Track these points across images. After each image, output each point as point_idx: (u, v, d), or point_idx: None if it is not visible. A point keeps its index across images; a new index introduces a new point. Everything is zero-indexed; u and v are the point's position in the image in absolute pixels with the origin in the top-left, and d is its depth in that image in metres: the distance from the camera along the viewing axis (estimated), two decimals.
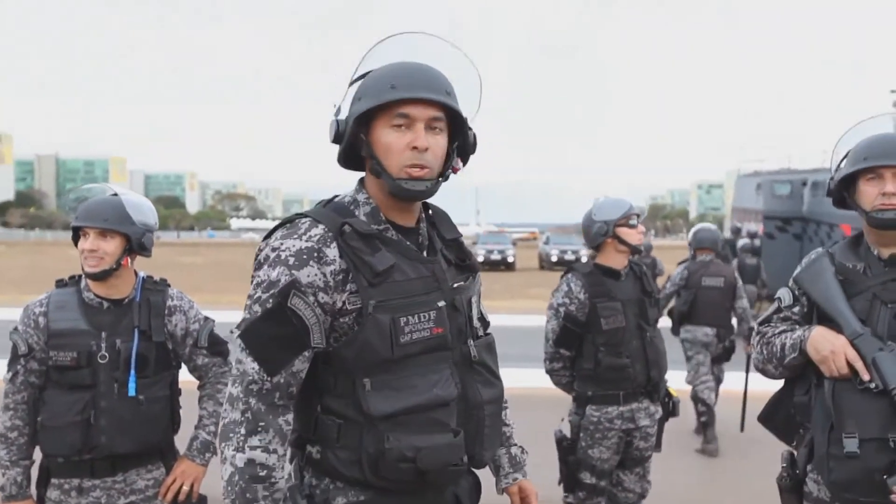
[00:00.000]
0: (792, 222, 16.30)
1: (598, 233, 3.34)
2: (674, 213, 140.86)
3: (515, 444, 1.90)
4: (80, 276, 2.56)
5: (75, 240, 2.53)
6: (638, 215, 3.38)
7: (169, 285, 2.64)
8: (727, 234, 19.26)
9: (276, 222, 1.66)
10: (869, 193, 2.09)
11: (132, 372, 2.47)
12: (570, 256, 27.79)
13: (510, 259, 28.32)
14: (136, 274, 2.58)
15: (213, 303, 14.56)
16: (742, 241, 13.08)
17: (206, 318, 2.66)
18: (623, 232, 3.34)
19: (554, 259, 28.11)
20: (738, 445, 5.93)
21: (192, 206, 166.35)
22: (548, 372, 3.42)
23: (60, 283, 2.56)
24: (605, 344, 3.26)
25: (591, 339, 3.28)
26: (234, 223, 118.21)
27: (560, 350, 3.32)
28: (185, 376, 2.68)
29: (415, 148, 1.58)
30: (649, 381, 3.32)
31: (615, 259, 3.36)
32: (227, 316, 3.04)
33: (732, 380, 6.80)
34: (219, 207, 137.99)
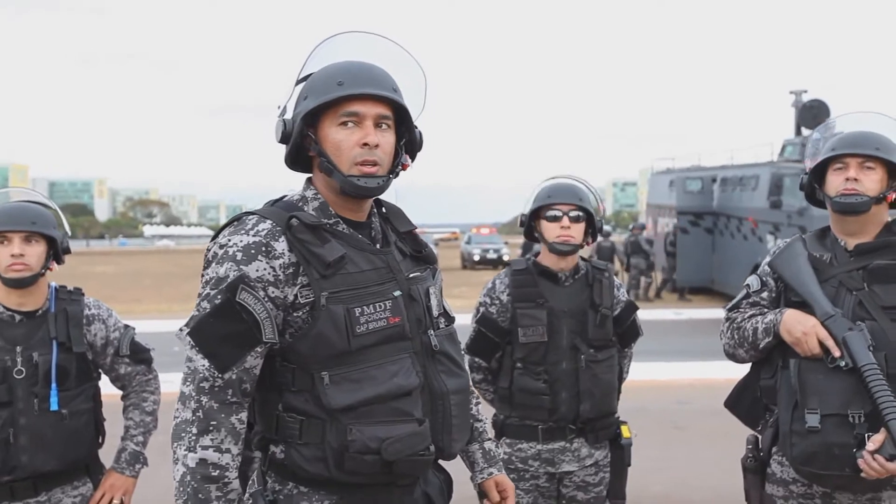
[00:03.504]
0: (703, 217, 16.96)
1: (521, 224, 2.83)
2: None
3: (490, 439, 1.90)
4: None
5: None
6: (566, 205, 2.70)
7: (84, 294, 2.52)
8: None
9: (192, 229, 1.61)
10: (835, 181, 2.18)
11: (53, 385, 2.34)
12: (492, 255, 28.07)
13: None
14: (47, 284, 2.45)
15: (129, 312, 14.05)
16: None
17: (127, 326, 2.56)
18: (542, 226, 2.72)
19: (476, 258, 28.32)
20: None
21: (102, 213, 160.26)
22: (473, 384, 2.76)
23: None
24: (522, 360, 2.65)
25: (510, 351, 2.69)
26: (148, 230, 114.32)
27: (475, 358, 2.73)
28: (105, 388, 2.56)
29: (365, 144, 1.58)
30: (578, 417, 2.65)
31: (549, 258, 2.73)
32: (144, 325, 2.91)
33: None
34: (130, 214, 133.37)
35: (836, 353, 2.05)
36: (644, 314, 10.67)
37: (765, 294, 2.27)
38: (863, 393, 2.00)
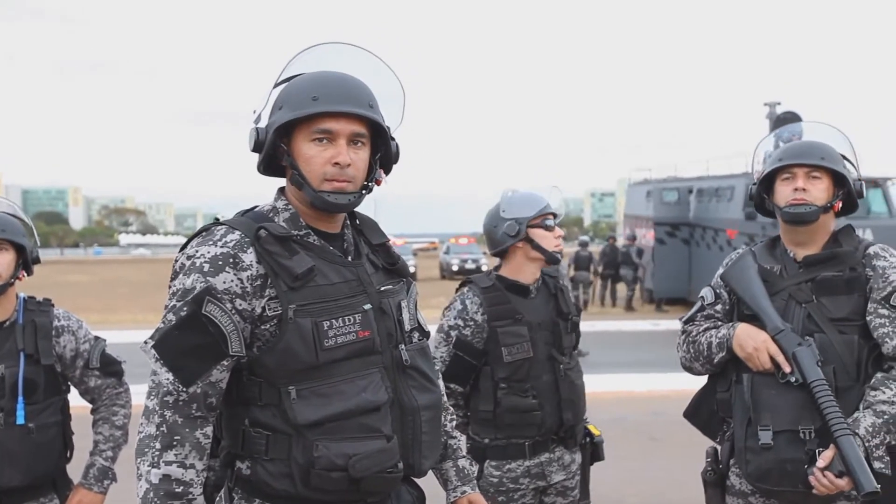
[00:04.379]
0: (680, 227, 17.10)
1: (507, 233, 2.64)
2: (569, 220, 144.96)
3: (464, 457, 1.87)
4: None
5: None
6: (555, 215, 2.71)
7: (53, 305, 2.47)
8: (622, 239, 20.04)
9: (168, 237, 1.59)
10: (783, 192, 2.20)
11: (20, 399, 2.29)
12: (471, 265, 28.08)
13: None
14: (16, 295, 2.40)
15: (103, 322, 13.87)
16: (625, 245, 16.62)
17: (97, 338, 2.51)
18: (537, 234, 2.65)
19: (455, 268, 28.31)
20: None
21: (77, 222, 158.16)
22: None
23: None
24: (506, 379, 2.56)
25: (489, 372, 2.58)
26: (123, 239, 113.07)
27: (450, 385, 2.57)
28: (74, 401, 2.51)
29: (336, 164, 1.56)
30: (562, 426, 2.64)
31: (524, 270, 2.66)
32: (118, 336, 2.85)
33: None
34: (106, 223, 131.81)
35: (787, 369, 2.08)
36: (621, 325, 10.93)
37: (718, 307, 2.28)
38: (812, 408, 2.03)
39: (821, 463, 1.99)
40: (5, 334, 2.34)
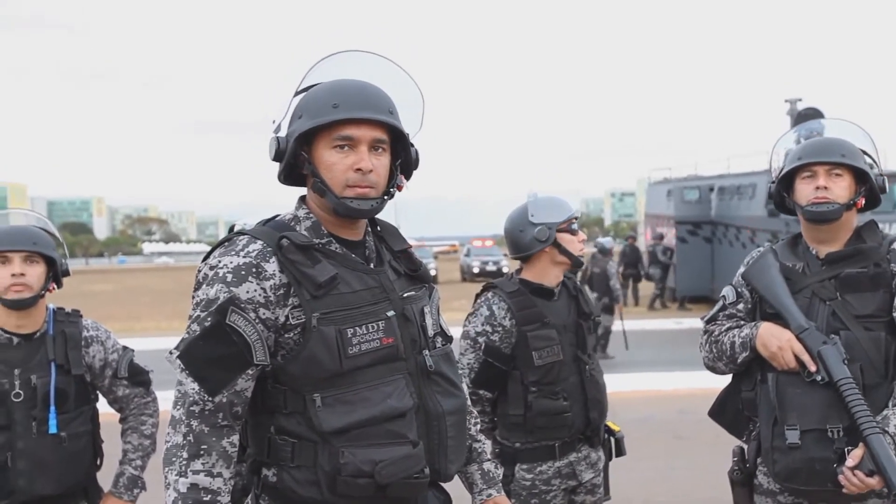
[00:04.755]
0: (702, 226, 16.98)
1: (538, 238, 2.63)
2: (589, 221, 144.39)
3: (489, 460, 1.87)
4: None
5: None
6: (577, 217, 2.75)
7: (81, 316, 2.51)
8: (644, 237, 19.90)
9: (191, 245, 1.61)
10: (804, 190, 2.18)
11: (52, 408, 2.33)
12: (491, 267, 28.05)
13: (505, 269, 28.00)
14: (46, 306, 2.45)
15: (127, 330, 14.04)
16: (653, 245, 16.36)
17: (125, 348, 2.55)
18: (565, 239, 2.66)
19: (476, 270, 28.32)
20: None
21: (101, 231, 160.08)
22: None
23: None
24: (537, 383, 2.56)
25: (518, 376, 2.58)
26: (147, 248, 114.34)
27: (479, 391, 2.58)
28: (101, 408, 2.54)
29: (359, 170, 1.57)
30: (589, 425, 2.66)
31: (550, 274, 2.67)
32: (143, 344, 2.89)
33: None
34: (129, 232, 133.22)
35: (812, 368, 2.06)
36: (645, 324, 10.91)
37: (741, 305, 2.27)
38: (840, 407, 2.01)
39: (850, 462, 1.97)
40: (36, 345, 2.38)
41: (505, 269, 27.52)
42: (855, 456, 1.97)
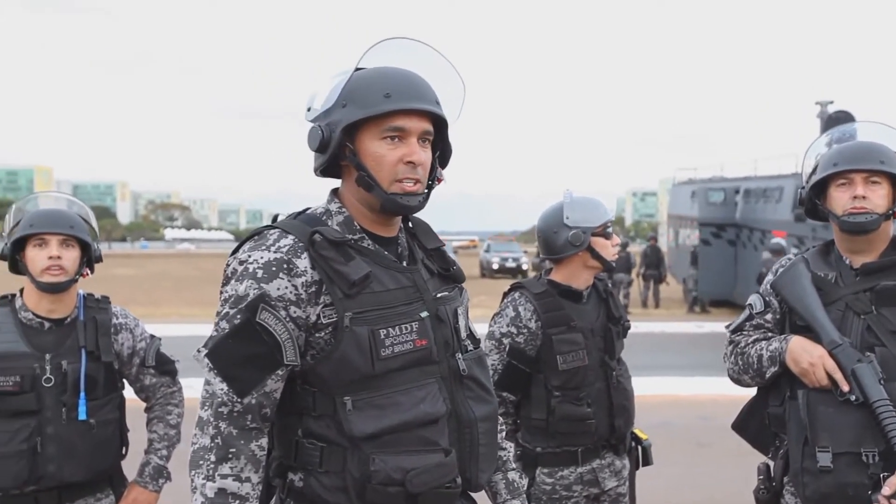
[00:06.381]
0: (726, 228, 16.79)
1: (572, 242, 2.57)
2: None
3: (513, 469, 1.80)
4: (12, 296, 2.40)
5: (15, 252, 2.35)
6: (612, 221, 2.66)
7: (111, 302, 2.51)
8: (666, 238, 19.75)
9: (212, 232, 1.56)
10: (840, 199, 2.07)
11: (82, 394, 2.32)
12: (511, 264, 27.95)
13: (524, 266, 27.75)
14: (77, 292, 2.44)
15: (149, 315, 14.12)
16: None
17: (153, 336, 2.54)
18: (598, 243, 2.59)
19: (495, 267, 28.27)
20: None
21: (124, 216, 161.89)
22: None
23: None
24: (560, 388, 2.51)
25: (542, 380, 2.53)
26: (169, 233, 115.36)
27: (502, 394, 2.50)
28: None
29: (410, 162, 1.51)
30: (613, 433, 2.60)
31: (580, 276, 2.61)
32: (164, 329, 2.89)
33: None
34: (152, 218, 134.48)
35: (845, 388, 1.96)
36: (665, 326, 10.81)
37: (769, 316, 2.17)
38: (875, 429, 1.91)
39: (886, 490, 1.87)
40: (67, 330, 2.38)
41: (525, 266, 27.39)
42: (892, 484, 1.88)
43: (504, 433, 1.83)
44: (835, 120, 15.34)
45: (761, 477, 2.15)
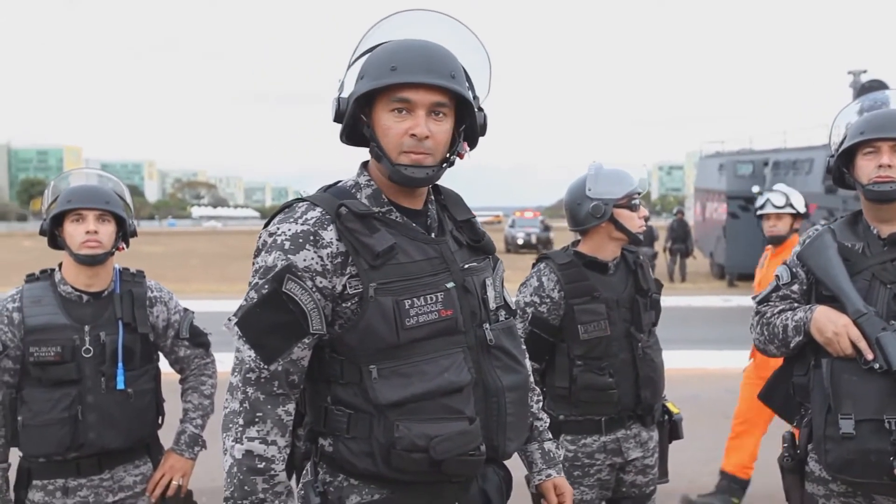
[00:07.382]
0: (754, 201, 16.55)
1: (593, 214, 2.59)
2: None
3: (550, 439, 1.83)
4: (52, 270, 2.47)
5: (53, 228, 2.42)
6: (640, 193, 2.64)
7: (145, 276, 2.56)
8: (693, 211, 19.55)
9: (238, 210, 1.60)
10: (866, 167, 2.08)
11: (120, 365, 2.40)
12: (534, 240, 27.86)
13: (533, 241, 27.81)
14: (113, 266, 2.50)
15: (177, 292, 14.18)
16: None
17: (186, 310, 2.61)
18: (623, 215, 2.60)
19: (520, 242, 28.22)
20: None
21: (152, 194, 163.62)
22: None
23: (31, 278, 2.46)
24: (582, 357, 2.55)
25: (564, 349, 2.57)
26: (196, 211, 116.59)
27: None
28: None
29: (413, 135, 1.52)
30: (639, 404, 2.62)
31: (605, 248, 2.63)
32: (192, 305, 2.95)
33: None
34: (179, 196, 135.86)
35: (869, 356, 1.97)
36: (692, 300, 10.75)
37: (795, 287, 2.18)
38: None
39: None
40: (104, 303, 2.44)
41: (534, 241, 27.28)
42: None
43: (540, 404, 1.84)
44: (867, 89, 14.98)
45: (786, 444, 2.18)
